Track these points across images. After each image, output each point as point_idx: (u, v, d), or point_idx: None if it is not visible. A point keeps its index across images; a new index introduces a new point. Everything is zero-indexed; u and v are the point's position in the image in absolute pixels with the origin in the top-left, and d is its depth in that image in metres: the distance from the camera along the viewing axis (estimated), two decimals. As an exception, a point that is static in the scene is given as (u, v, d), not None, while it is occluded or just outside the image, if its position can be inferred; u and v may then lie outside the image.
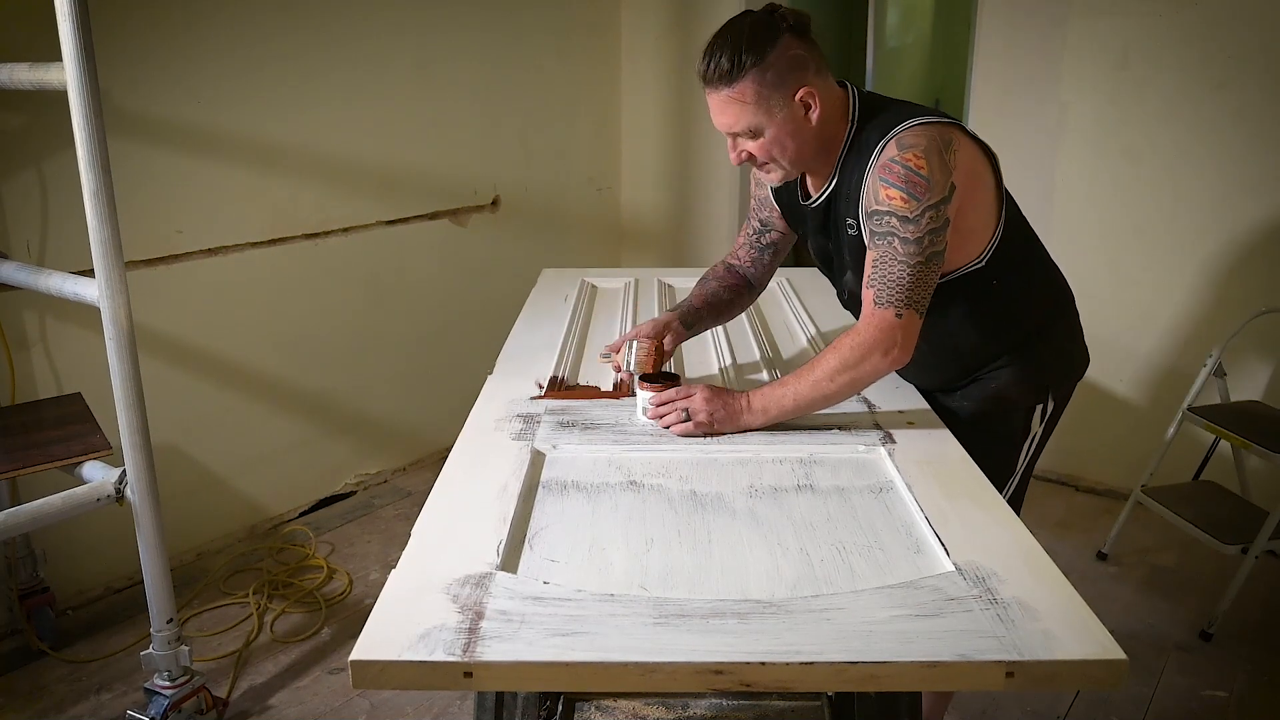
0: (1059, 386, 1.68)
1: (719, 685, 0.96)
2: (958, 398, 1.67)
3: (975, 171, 1.48)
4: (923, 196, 1.39)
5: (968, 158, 1.46)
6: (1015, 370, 1.62)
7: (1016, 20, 3.10)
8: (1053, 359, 1.66)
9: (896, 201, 1.40)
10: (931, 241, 1.41)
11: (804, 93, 1.44)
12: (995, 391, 1.63)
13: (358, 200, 3.10)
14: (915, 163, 1.39)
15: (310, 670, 2.33)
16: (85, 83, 1.70)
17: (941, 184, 1.40)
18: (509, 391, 1.70)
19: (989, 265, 1.54)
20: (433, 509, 1.28)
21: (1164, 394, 3.03)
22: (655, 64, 3.90)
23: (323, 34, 2.91)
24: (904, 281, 1.41)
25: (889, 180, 1.41)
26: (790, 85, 1.44)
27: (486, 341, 2.16)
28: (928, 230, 1.40)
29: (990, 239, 1.53)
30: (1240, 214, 2.86)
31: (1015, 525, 1.23)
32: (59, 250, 2.38)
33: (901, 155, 1.40)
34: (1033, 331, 1.62)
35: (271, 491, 3.02)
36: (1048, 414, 1.67)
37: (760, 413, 1.50)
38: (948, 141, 1.42)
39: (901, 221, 1.40)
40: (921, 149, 1.40)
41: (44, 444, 2.04)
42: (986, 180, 1.51)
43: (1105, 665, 0.96)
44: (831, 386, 1.46)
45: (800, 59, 1.44)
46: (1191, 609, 2.56)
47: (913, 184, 1.39)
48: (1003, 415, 1.65)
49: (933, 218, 1.40)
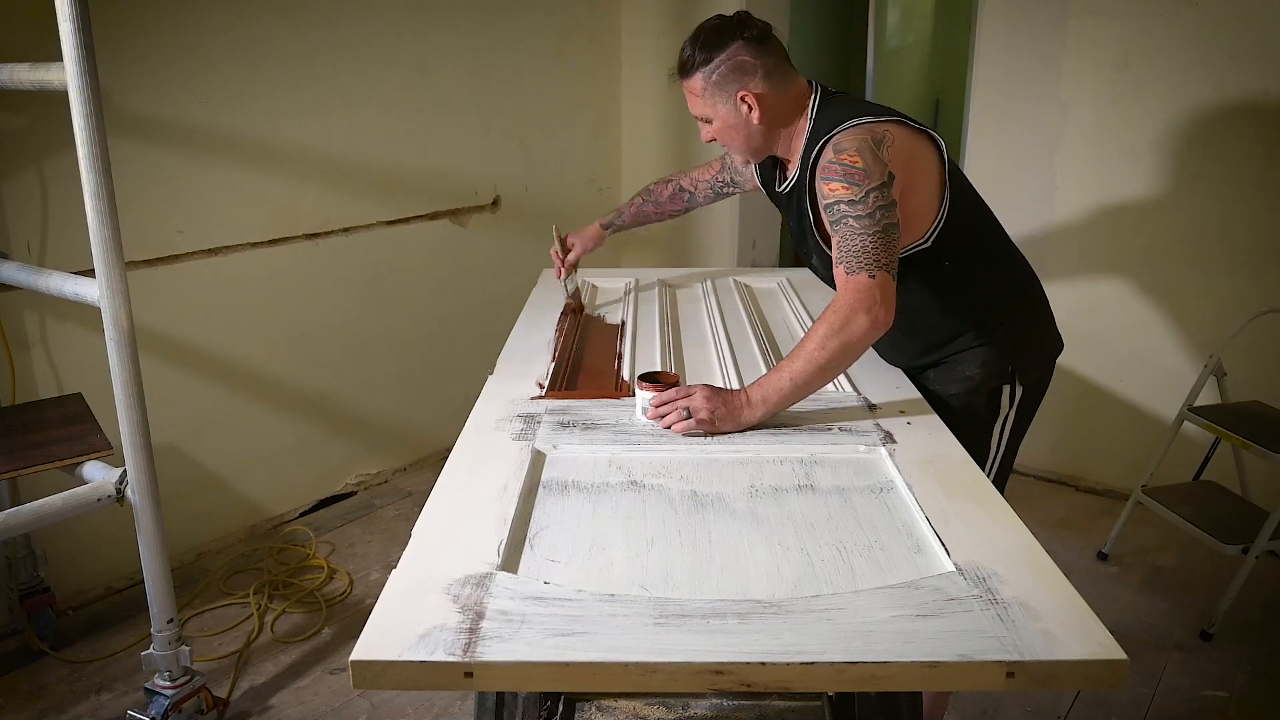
0: (1025, 370, 1.75)
1: (719, 685, 0.97)
2: (931, 380, 1.76)
3: (913, 160, 1.59)
4: (863, 183, 1.50)
5: (904, 149, 1.56)
6: (978, 352, 1.71)
7: (1017, 21, 3.10)
8: (1015, 343, 1.74)
9: (840, 190, 1.52)
10: (884, 214, 1.50)
11: (742, 94, 1.60)
12: (961, 374, 1.73)
13: (358, 200, 3.10)
14: (849, 160, 1.52)
15: (311, 670, 2.33)
16: (86, 83, 1.70)
17: (879, 172, 1.51)
18: (509, 391, 1.70)
19: (935, 245, 1.64)
20: (433, 509, 1.28)
21: (1164, 394, 3.03)
22: (655, 64, 3.90)
23: (323, 35, 2.91)
24: (867, 248, 1.50)
25: (829, 177, 1.54)
26: (732, 85, 1.60)
27: (487, 341, 2.16)
28: (876, 206, 1.50)
29: (934, 220, 1.63)
30: (1240, 214, 2.86)
31: (1016, 525, 1.23)
32: (59, 250, 2.39)
33: (837, 157, 1.53)
34: (994, 314, 1.72)
35: (272, 491, 3.02)
36: (1016, 397, 1.75)
37: (760, 403, 1.52)
38: (879, 139, 1.54)
39: (850, 204, 1.51)
40: (854, 149, 1.52)
41: (44, 444, 2.04)
42: (929, 166, 1.62)
43: (1106, 665, 0.96)
44: (824, 355, 1.49)
45: (746, 65, 1.60)
46: (1191, 609, 2.56)
47: (850, 175, 1.51)
48: (969, 396, 1.73)
49: (878, 196, 1.50)
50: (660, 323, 2.12)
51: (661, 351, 1.91)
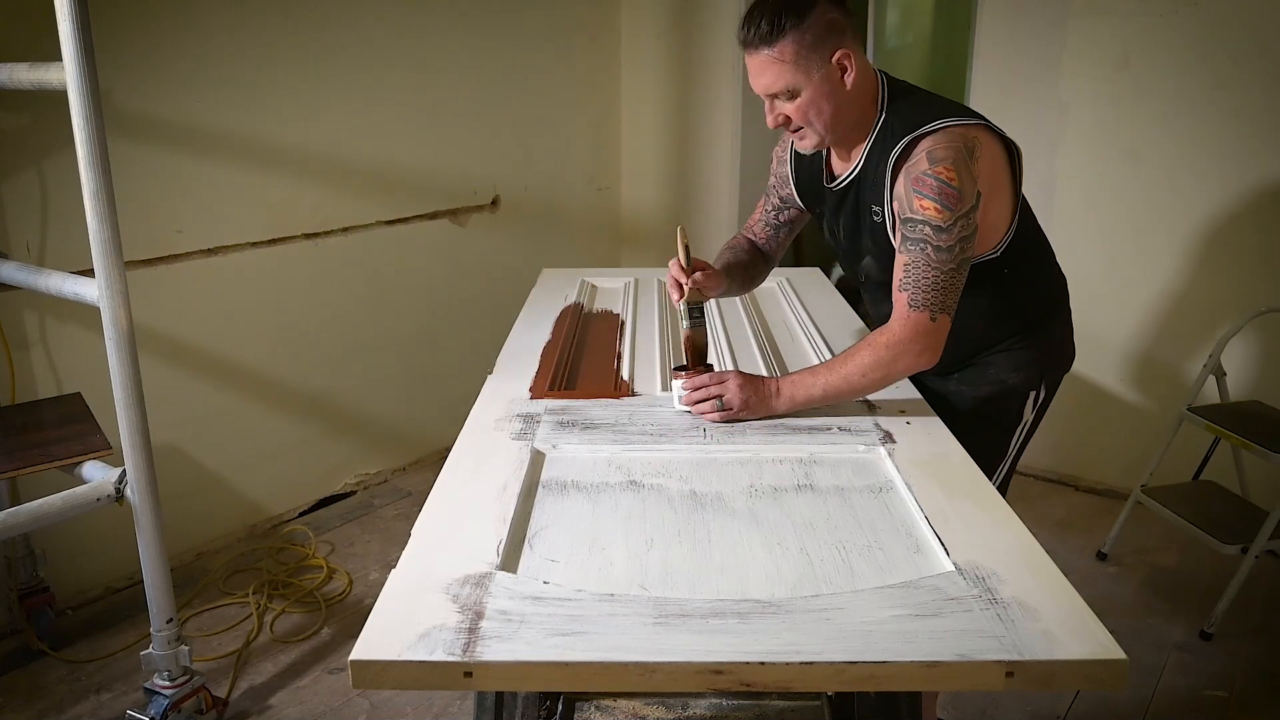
0: (1052, 375, 1.74)
1: (719, 685, 0.96)
2: (955, 381, 1.73)
3: (997, 172, 1.54)
4: (955, 207, 1.45)
5: (990, 160, 1.52)
6: (1014, 356, 1.68)
7: (1016, 21, 3.10)
8: (1049, 347, 1.72)
9: (930, 212, 1.46)
10: (963, 249, 1.48)
11: (841, 54, 1.49)
12: (994, 377, 1.69)
13: (358, 200, 3.10)
14: (946, 175, 1.45)
15: (310, 670, 2.33)
16: (85, 83, 1.70)
17: (970, 193, 1.47)
18: (509, 391, 1.70)
19: (1003, 255, 1.61)
20: (433, 509, 1.28)
21: (1164, 394, 3.03)
22: (655, 64, 3.90)
23: (323, 35, 2.91)
24: (938, 286, 1.48)
25: (923, 192, 1.47)
26: (828, 46, 1.48)
27: (486, 341, 2.16)
28: (959, 238, 1.47)
29: (1007, 231, 1.60)
30: (1240, 214, 2.86)
31: (1015, 525, 1.23)
32: (59, 250, 2.38)
33: (933, 169, 1.46)
34: (1034, 320, 1.69)
35: (271, 491, 3.02)
36: (1039, 402, 1.73)
37: (789, 400, 1.56)
38: (972, 147, 1.48)
39: (935, 231, 1.46)
40: (951, 161, 1.46)
41: (44, 444, 2.04)
42: (1006, 177, 1.57)
43: (1105, 665, 0.96)
44: (863, 382, 1.52)
45: (837, 23, 1.49)
46: (1191, 609, 2.56)
47: (945, 196, 1.45)
48: (999, 401, 1.70)
49: (964, 226, 1.47)
50: (660, 322, 2.12)
51: (661, 351, 1.91)
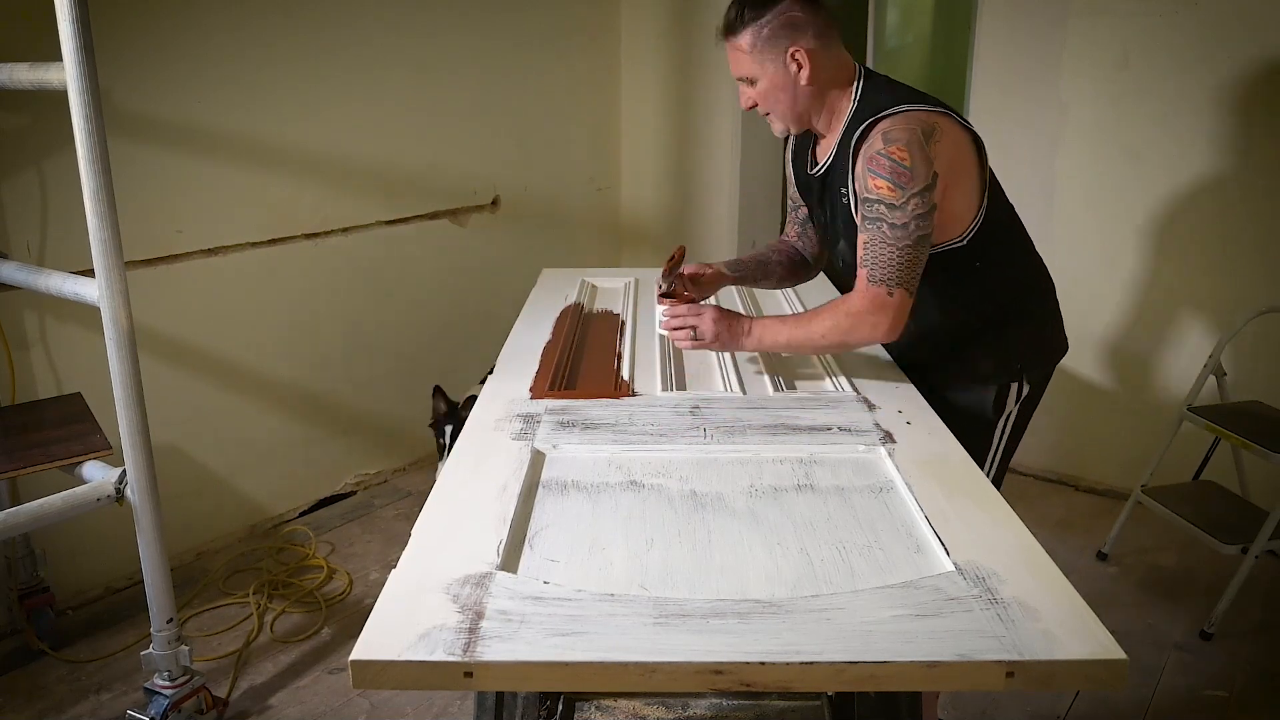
0: (1033, 369, 1.76)
1: (719, 685, 0.96)
2: (938, 374, 1.77)
3: (958, 158, 1.58)
4: (908, 185, 1.51)
5: (951, 145, 1.55)
6: (992, 349, 1.73)
7: (1017, 21, 3.10)
8: (1028, 341, 1.75)
9: (884, 191, 1.52)
10: (919, 225, 1.52)
11: (794, 51, 1.59)
12: (974, 370, 1.74)
13: (358, 200, 3.10)
14: (899, 155, 1.51)
15: (310, 670, 2.33)
16: (85, 83, 1.70)
17: (924, 174, 1.51)
18: (509, 391, 1.70)
19: (970, 245, 1.64)
20: (433, 509, 1.28)
21: (1164, 394, 3.03)
22: (655, 63, 3.90)
23: (324, 34, 2.91)
24: (894, 262, 1.54)
25: (877, 172, 1.53)
26: (784, 42, 1.59)
27: (486, 341, 2.16)
28: (914, 216, 1.52)
29: (973, 221, 1.63)
30: (1240, 214, 2.86)
31: (1015, 525, 1.23)
32: (59, 250, 2.38)
33: (887, 149, 1.52)
34: (1012, 313, 1.73)
35: (271, 491, 3.02)
36: (1022, 395, 1.75)
37: (756, 340, 1.69)
38: (930, 131, 1.53)
39: (889, 209, 1.52)
40: (904, 141, 1.51)
41: (44, 444, 2.04)
42: (970, 166, 1.61)
43: (1105, 665, 0.96)
44: (822, 342, 1.64)
45: (798, 21, 1.58)
46: (1191, 609, 2.56)
47: (897, 175, 1.51)
48: (980, 393, 1.74)
49: (918, 204, 1.51)
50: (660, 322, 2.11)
51: (661, 351, 1.91)
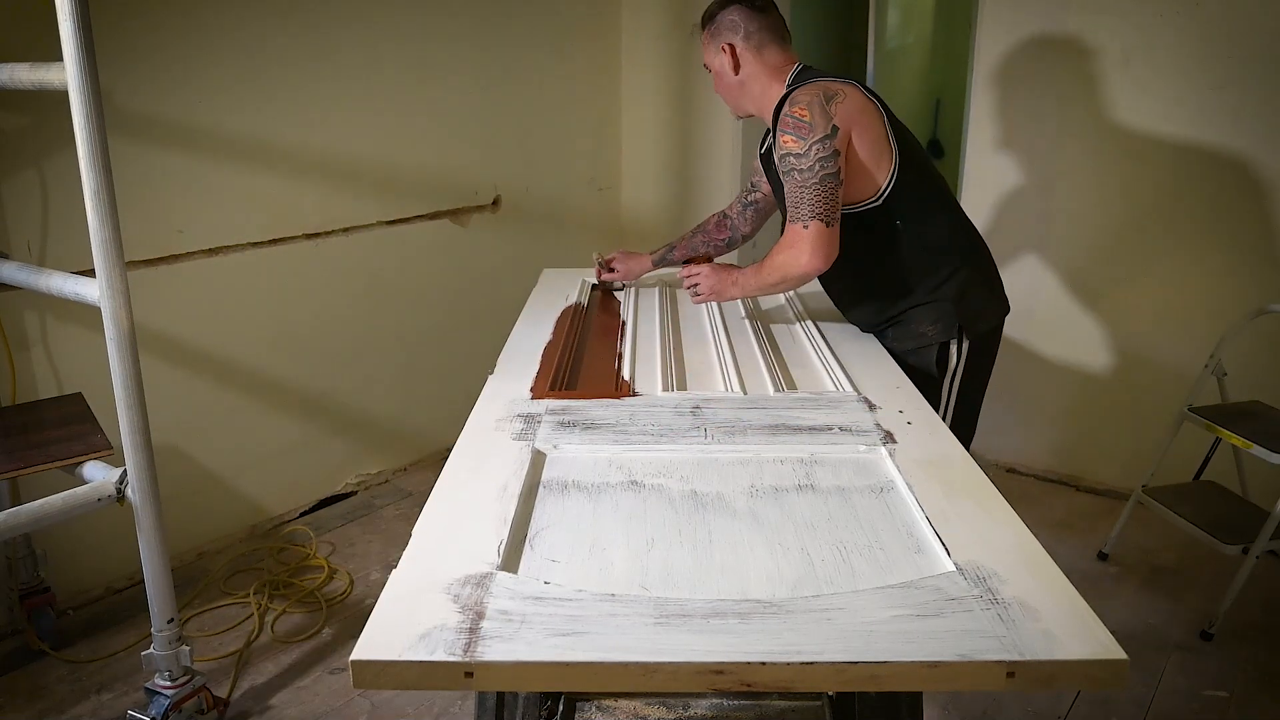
0: (973, 324, 1.93)
1: (719, 685, 0.96)
2: (889, 339, 1.97)
3: (862, 119, 1.81)
4: (807, 136, 1.76)
5: (853, 107, 1.80)
6: (931, 309, 1.91)
7: (1017, 20, 3.10)
8: (963, 298, 1.92)
9: (789, 144, 1.78)
10: (822, 166, 1.75)
11: (724, 45, 1.92)
12: (915, 330, 1.93)
13: (358, 200, 3.10)
14: (799, 113, 1.78)
15: (311, 670, 2.33)
16: (86, 83, 1.70)
17: (823, 125, 1.76)
18: (510, 391, 1.70)
19: (886, 204, 1.86)
20: (433, 509, 1.28)
21: (1164, 394, 3.03)
22: (655, 64, 3.90)
23: (324, 35, 2.91)
24: (805, 200, 1.77)
25: (784, 130, 1.80)
26: (721, 40, 1.93)
27: (487, 341, 2.16)
28: (817, 158, 1.75)
29: (885, 181, 1.84)
30: (1240, 214, 2.86)
31: (1016, 525, 1.23)
32: (59, 250, 2.39)
33: (791, 110, 1.79)
34: (947, 273, 1.91)
35: (272, 491, 3.02)
36: (964, 351, 1.93)
37: (739, 288, 2.00)
38: (831, 95, 1.78)
39: (796, 157, 1.77)
40: (805, 103, 1.78)
41: (44, 444, 2.04)
42: (875, 126, 1.83)
43: (1106, 665, 0.96)
44: (770, 280, 1.90)
45: (734, 23, 1.91)
46: (1191, 609, 2.56)
47: (798, 129, 1.77)
48: (924, 353, 1.93)
49: (820, 149, 1.75)
50: (660, 322, 2.12)
51: (661, 351, 1.91)
